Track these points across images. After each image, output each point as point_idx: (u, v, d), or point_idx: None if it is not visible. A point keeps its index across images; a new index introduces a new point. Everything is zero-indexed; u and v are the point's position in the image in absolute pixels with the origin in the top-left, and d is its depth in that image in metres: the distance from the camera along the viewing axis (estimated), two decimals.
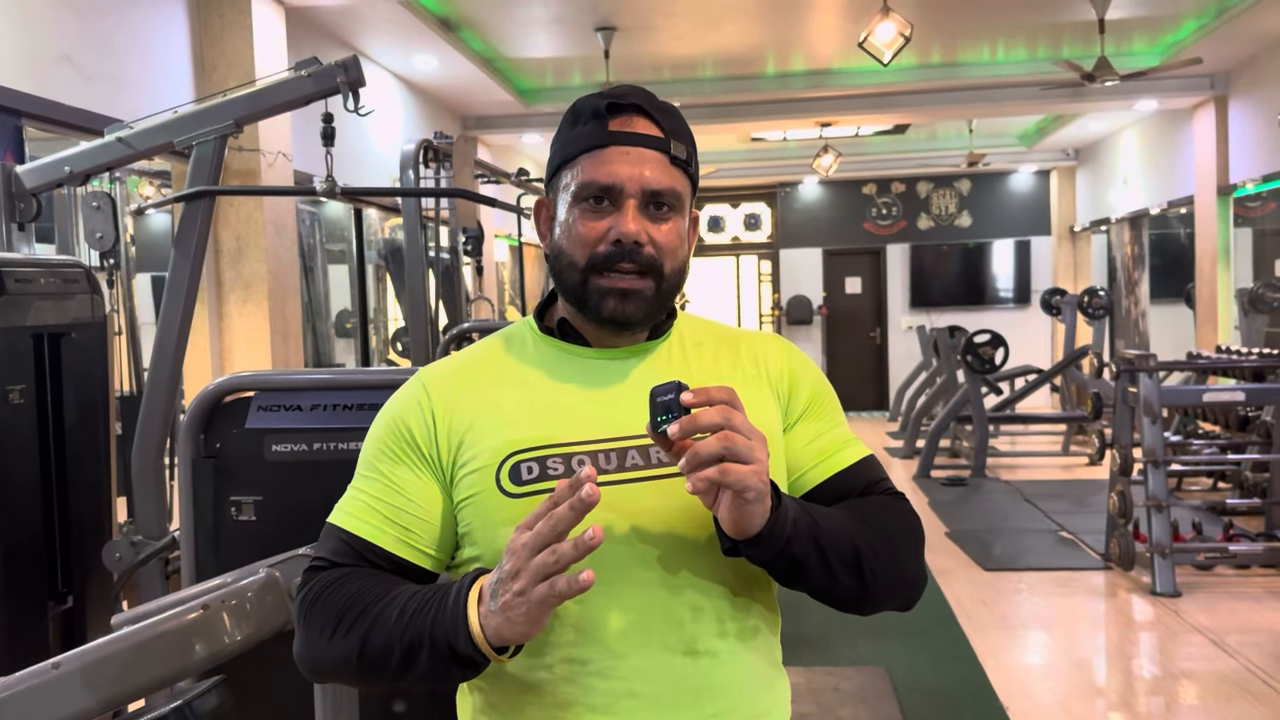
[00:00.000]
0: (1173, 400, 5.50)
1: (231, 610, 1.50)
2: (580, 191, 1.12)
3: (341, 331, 7.86)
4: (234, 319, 4.89)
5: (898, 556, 1.11)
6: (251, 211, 4.83)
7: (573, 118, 1.15)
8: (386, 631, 1.02)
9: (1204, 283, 8.69)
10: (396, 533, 1.11)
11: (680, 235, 1.15)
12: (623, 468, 1.09)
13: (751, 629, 1.13)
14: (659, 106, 1.15)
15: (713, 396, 0.98)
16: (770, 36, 7.44)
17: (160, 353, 3.04)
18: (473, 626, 0.98)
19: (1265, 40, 7.26)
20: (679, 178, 1.13)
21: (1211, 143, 8.39)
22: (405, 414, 1.15)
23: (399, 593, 1.05)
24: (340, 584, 1.08)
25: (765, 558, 1.04)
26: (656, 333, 1.19)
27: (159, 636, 1.44)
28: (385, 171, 6.98)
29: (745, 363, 1.19)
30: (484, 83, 7.81)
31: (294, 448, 2.25)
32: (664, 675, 1.07)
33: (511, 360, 1.18)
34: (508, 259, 10.30)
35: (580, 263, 1.12)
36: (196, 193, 2.97)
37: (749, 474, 0.96)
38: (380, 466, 1.14)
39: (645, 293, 1.11)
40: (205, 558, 2.29)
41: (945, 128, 11.40)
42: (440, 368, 1.20)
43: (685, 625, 1.08)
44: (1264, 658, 4.00)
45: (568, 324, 1.18)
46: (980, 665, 4.05)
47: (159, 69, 4.56)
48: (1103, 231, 11.88)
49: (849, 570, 1.07)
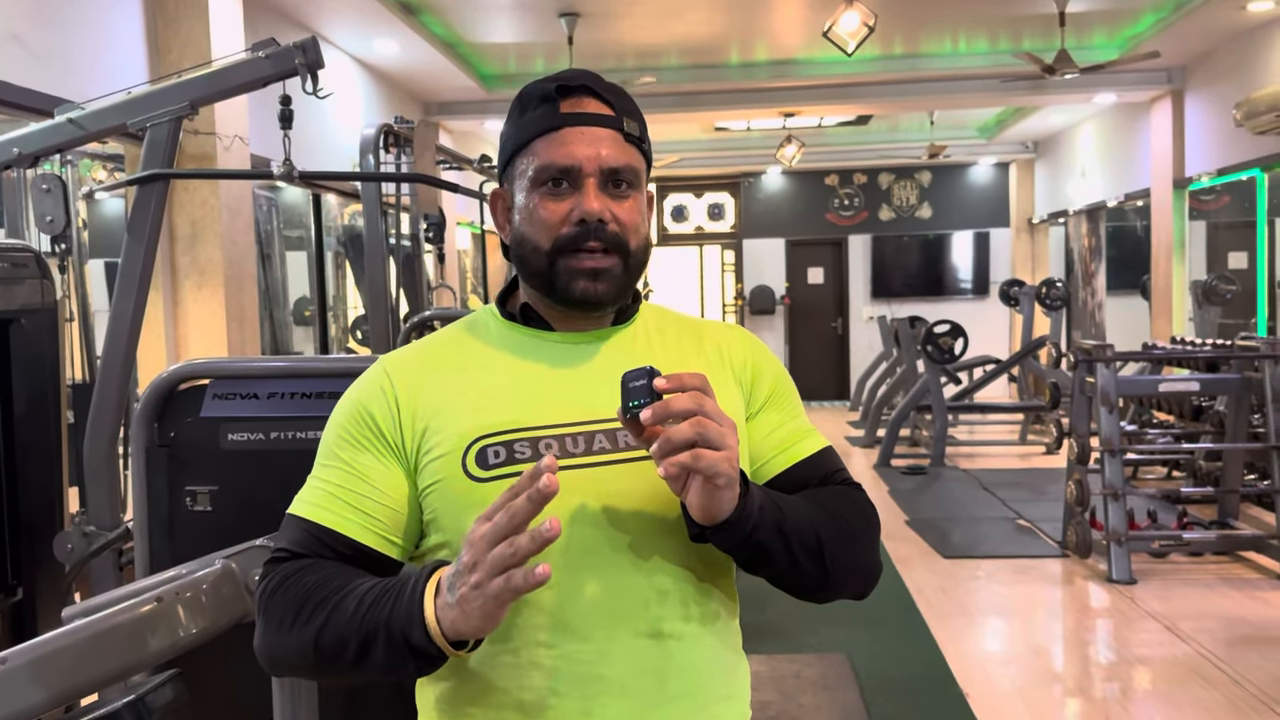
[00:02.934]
0: (1129, 390, 5.57)
1: (186, 603, 1.47)
2: (538, 175, 1.11)
3: (299, 319, 7.77)
4: (189, 306, 4.80)
5: (856, 545, 1.13)
6: (207, 196, 4.74)
7: (521, 105, 1.15)
8: (343, 623, 1.01)
9: (1159, 274, 8.81)
10: (360, 520, 1.09)
11: (641, 212, 1.15)
12: (590, 451, 1.09)
13: (713, 613, 1.13)
14: (607, 87, 1.15)
15: (685, 383, 0.98)
16: (734, 25, 7.43)
17: (113, 340, 2.98)
18: (429, 619, 0.96)
19: (1221, 35, 7.36)
20: (634, 154, 1.13)
21: (1168, 136, 8.50)
22: (368, 400, 1.13)
23: (358, 584, 1.03)
24: (300, 575, 1.06)
25: (731, 544, 1.04)
26: (620, 318, 1.19)
27: (111, 630, 1.40)
28: (346, 157, 6.89)
29: (709, 351, 1.20)
30: (446, 68, 7.73)
31: (250, 437, 2.20)
32: (629, 658, 1.07)
33: (475, 346, 1.18)
34: (470, 246, 10.22)
35: (545, 246, 1.12)
36: (150, 176, 2.91)
37: (720, 460, 0.96)
38: (342, 454, 1.12)
39: (614, 270, 1.12)
40: (159, 548, 2.24)
41: (906, 119, 11.45)
42: (403, 354, 1.18)
43: (651, 608, 1.08)
44: (1217, 643, 4.07)
45: (530, 309, 1.18)
46: (940, 652, 4.08)
47: (111, 49, 4.45)
48: (1060, 223, 12.01)
49: (811, 558, 1.08)
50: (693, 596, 1.10)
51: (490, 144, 10.73)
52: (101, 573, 3.06)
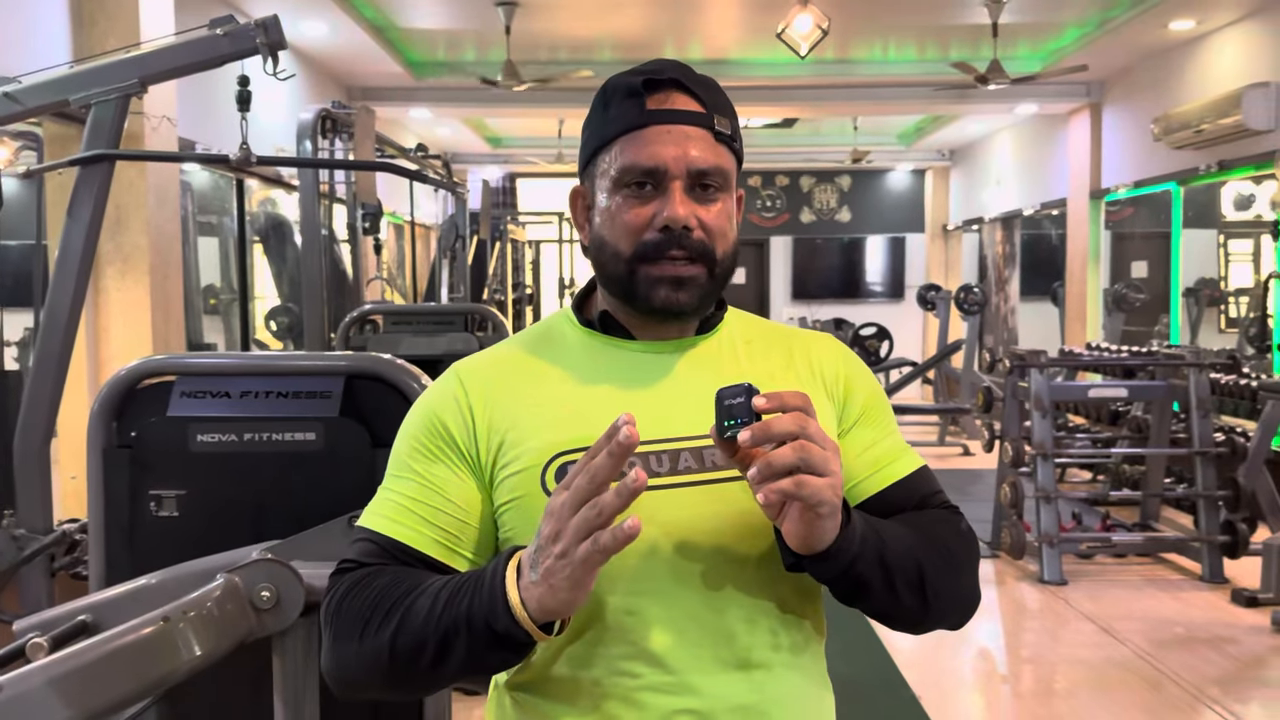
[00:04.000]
0: (1061, 396, 5.70)
1: (192, 622, 1.35)
2: (621, 177, 1.05)
3: (207, 309, 7.46)
4: (111, 294, 4.55)
5: (959, 576, 1.07)
6: (133, 179, 4.50)
7: (604, 98, 1.08)
8: (419, 623, 0.94)
9: (1074, 282, 9.07)
10: (434, 534, 1.03)
11: (729, 216, 1.08)
12: (675, 471, 1.02)
13: (803, 642, 1.08)
14: (698, 80, 1.07)
15: (786, 402, 0.91)
16: (669, 22, 7.39)
17: (49, 330, 2.79)
18: (512, 600, 0.90)
19: (1142, 51, 7.60)
20: (724, 154, 1.06)
21: (1086, 148, 8.76)
22: (441, 409, 1.07)
23: (431, 582, 0.97)
24: (367, 581, 1.00)
25: (830, 575, 0.98)
26: (705, 327, 1.12)
27: (112, 655, 1.27)
28: (268, 140, 6.63)
29: (799, 364, 1.13)
30: (374, 52, 7.53)
31: (222, 438, 2.06)
32: (717, 690, 1.01)
33: (551, 355, 1.11)
34: (390, 237, 9.99)
35: (626, 252, 1.05)
36: (95, 156, 2.73)
37: (825, 487, 0.90)
38: (415, 465, 1.05)
39: (698, 279, 1.05)
40: (118, 556, 2.09)
41: (829, 124, 11.59)
42: (476, 362, 1.12)
43: (739, 637, 1.02)
44: (1151, 644, 4.17)
45: (609, 316, 1.10)
46: (887, 652, 4.10)
47: (31, 21, 4.19)
48: (974, 230, 12.30)
49: (912, 590, 1.02)
50: (782, 625, 1.05)
51: (413, 133, 10.50)
52: (31, 581, 2.86)
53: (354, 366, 2.07)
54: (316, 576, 1.51)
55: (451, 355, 4.35)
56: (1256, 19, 6.48)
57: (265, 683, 1.58)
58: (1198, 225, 8.02)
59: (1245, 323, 8.06)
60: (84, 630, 1.68)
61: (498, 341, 3.98)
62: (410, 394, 2.00)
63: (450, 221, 7.38)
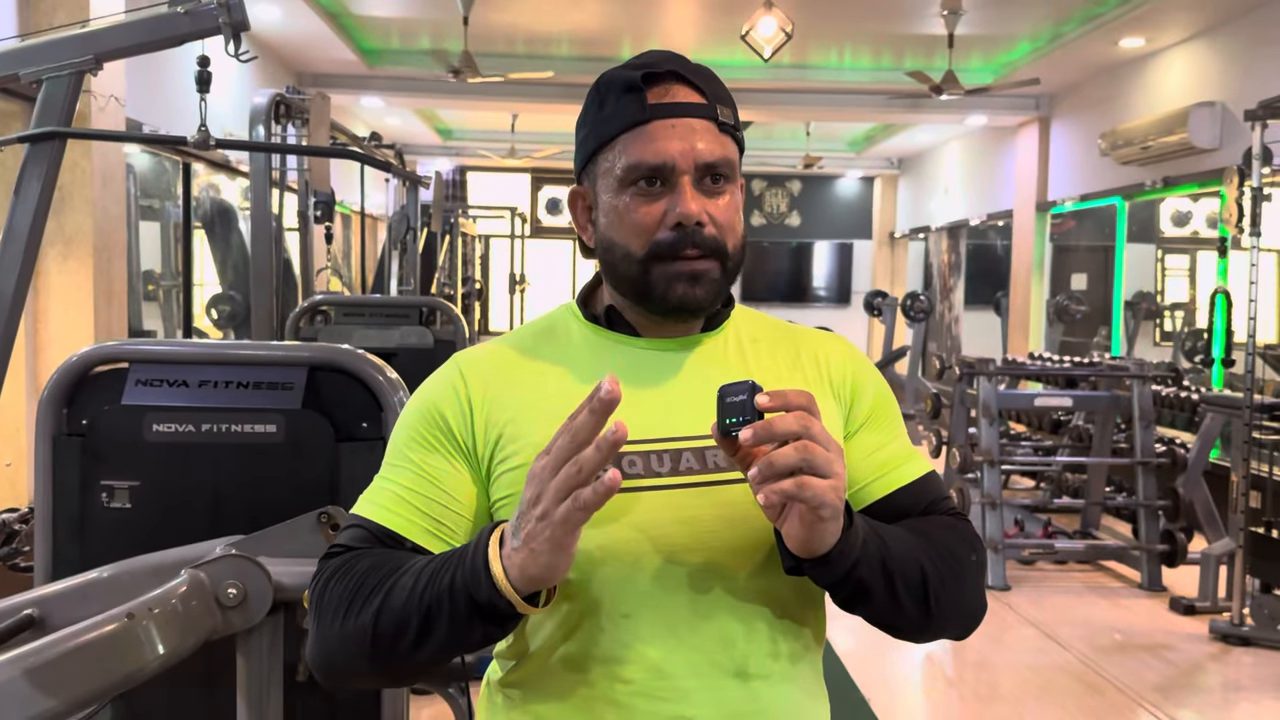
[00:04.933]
0: (1008, 404, 5.79)
1: (156, 619, 1.29)
2: (627, 175, 1.02)
3: (146, 295, 7.28)
4: (52, 277, 4.41)
5: (964, 584, 1.05)
6: (78, 159, 4.36)
7: (599, 95, 1.05)
8: (402, 601, 0.92)
9: (1018, 292, 9.22)
10: (427, 524, 1.01)
11: (737, 208, 1.06)
12: (676, 471, 1.00)
13: (801, 651, 1.06)
14: (695, 70, 1.05)
15: (790, 401, 0.89)
16: (628, 20, 7.38)
17: None
18: (494, 569, 0.88)
19: (1091, 67, 7.75)
20: (729, 145, 1.04)
21: (1033, 161, 8.91)
22: (440, 400, 1.05)
23: (414, 562, 0.95)
24: (351, 564, 0.98)
25: (830, 579, 0.96)
26: (710, 324, 1.10)
27: (73, 653, 1.21)
28: (215, 125, 6.46)
29: (806, 363, 1.10)
30: (326, 39, 7.41)
31: (179, 428, 1.99)
32: (714, 698, 0.99)
33: (554, 349, 1.08)
34: (338, 227, 9.82)
35: (639, 253, 1.02)
36: (46, 133, 2.63)
37: (827, 489, 0.88)
38: (411, 455, 1.03)
39: (712, 274, 1.02)
40: (67, 549, 2.01)
41: (782, 129, 11.66)
42: (477, 353, 1.09)
43: (737, 644, 1.00)
44: (1092, 650, 4.25)
45: (615, 312, 1.08)
46: (837, 654, 4.12)
47: None
48: (921, 238, 12.46)
49: (914, 598, 1.00)
50: (783, 632, 1.03)
51: (364, 122, 10.35)
52: None
53: (318, 358, 2.02)
54: (285, 574, 1.46)
55: (405, 348, 4.28)
56: (1204, 39, 6.64)
57: (220, 681, 1.53)
58: (1139, 240, 8.20)
59: (1181, 336, 8.27)
60: (31, 625, 1.61)
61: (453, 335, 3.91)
62: (376, 387, 1.96)
63: (401, 213, 7.28)
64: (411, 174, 4.36)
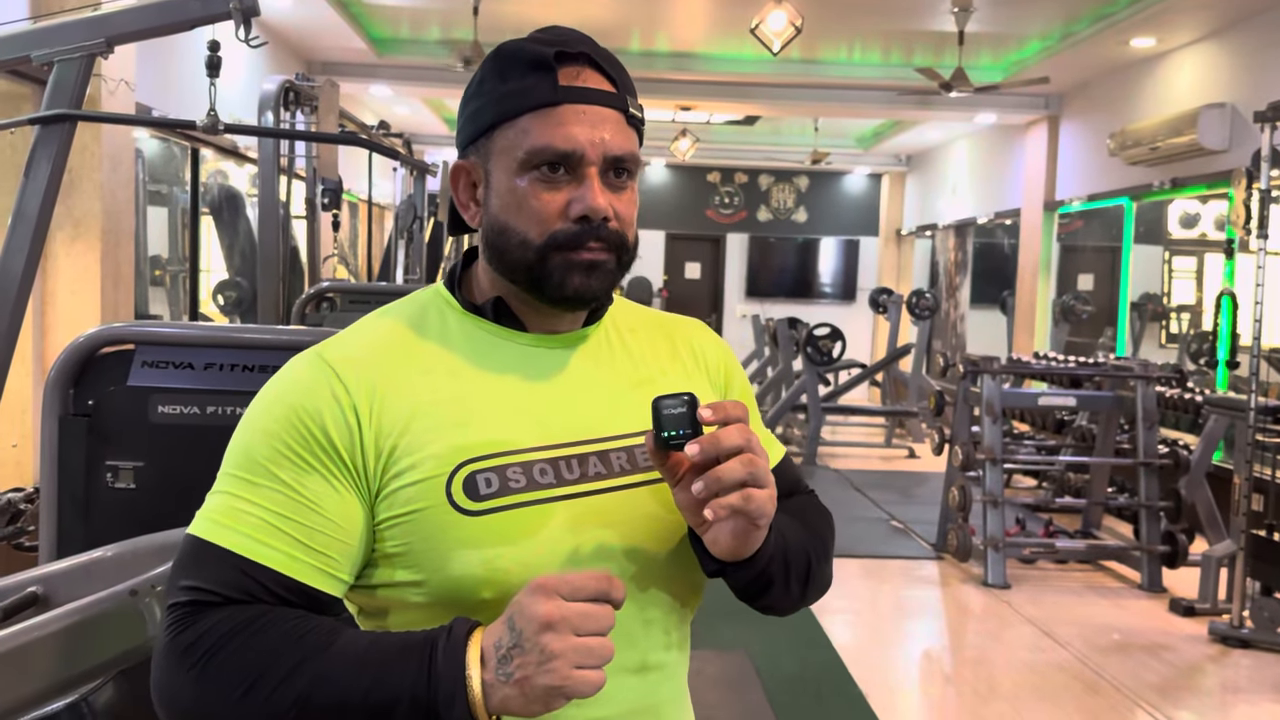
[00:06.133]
0: (1011, 403, 5.78)
1: (159, 598, 1.31)
2: (530, 158, 0.96)
3: (153, 280, 7.30)
4: (60, 260, 4.43)
5: (828, 564, 1.10)
6: (87, 142, 4.38)
7: (500, 67, 0.98)
8: (338, 693, 0.84)
9: (1024, 292, 9.21)
10: (312, 560, 0.91)
11: (635, 202, 1.02)
12: (586, 477, 0.98)
13: (684, 638, 1.07)
14: (606, 56, 1.00)
15: (729, 414, 0.89)
16: (638, 12, 7.37)
17: (1, 293, 2.69)
18: (473, 693, 0.83)
19: (1101, 66, 7.73)
20: (634, 139, 1.00)
21: (1042, 160, 8.89)
22: (316, 410, 0.93)
23: (343, 641, 0.87)
24: (254, 626, 0.87)
25: (747, 579, 0.98)
26: (593, 316, 1.06)
27: (77, 627, 1.23)
28: (223, 112, 6.48)
29: (683, 353, 1.10)
30: (337, 26, 7.40)
31: (184, 410, 2.01)
32: (622, 695, 0.99)
33: (432, 343, 1.00)
34: (345, 215, 9.84)
35: (536, 240, 0.97)
36: (57, 115, 2.64)
37: (767, 500, 0.89)
38: (280, 474, 0.91)
39: (608, 265, 0.99)
40: (72, 528, 2.03)
41: (790, 124, 11.64)
42: (349, 350, 0.98)
43: (637, 640, 1.00)
44: (1090, 649, 4.25)
45: (503, 304, 1.02)
46: (835, 650, 4.13)
47: None
48: (928, 236, 12.44)
49: (800, 583, 1.04)
50: (674, 624, 1.04)
51: (371, 110, 10.35)
52: None
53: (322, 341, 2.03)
54: None
55: None
56: (1215, 40, 6.62)
57: None
58: (1146, 241, 8.18)
59: (1187, 338, 8.26)
60: (35, 602, 1.63)
61: None
62: None
63: (409, 202, 7.28)
64: (419, 162, 4.38)
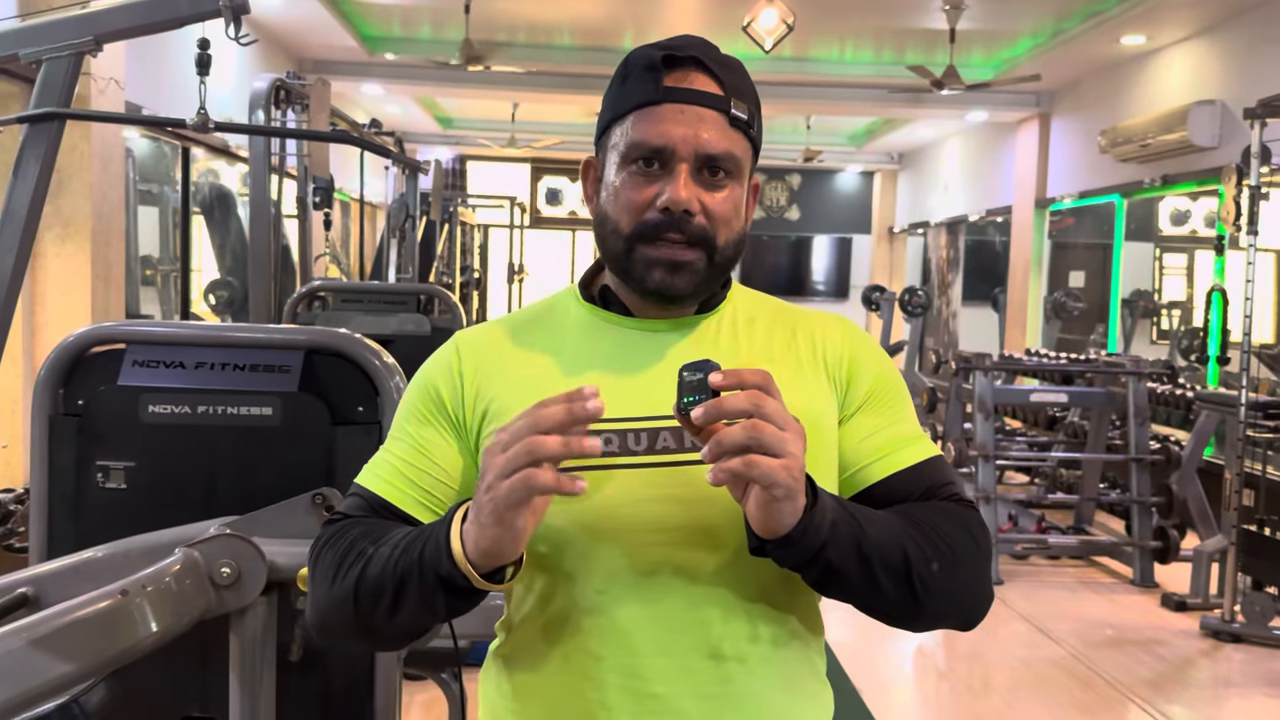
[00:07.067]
0: (1004, 399, 5.79)
1: (150, 597, 1.30)
2: (629, 152, 1.03)
3: (144, 280, 7.27)
4: (49, 260, 4.41)
5: (957, 569, 1.00)
6: (77, 141, 4.36)
7: (624, 71, 1.06)
8: (379, 569, 0.97)
9: (1016, 289, 9.23)
10: (418, 495, 1.06)
11: (736, 204, 1.05)
12: (653, 450, 1.01)
13: (787, 636, 1.04)
14: (720, 60, 1.05)
15: (744, 380, 0.89)
16: (630, 10, 7.37)
17: None
18: (453, 542, 0.93)
19: (1092, 64, 7.74)
20: (739, 141, 1.03)
21: (1033, 157, 8.91)
22: (436, 375, 1.10)
23: (397, 532, 1.00)
24: (344, 530, 1.04)
25: (796, 561, 0.94)
26: (707, 306, 1.09)
27: (67, 628, 1.22)
28: (213, 111, 6.45)
29: (801, 345, 1.09)
30: (327, 24, 7.39)
31: (175, 409, 1.99)
32: (685, 678, 0.99)
33: (549, 328, 1.11)
34: (337, 214, 9.81)
35: (625, 230, 1.03)
36: (45, 114, 2.63)
37: (778, 468, 0.87)
38: (408, 427, 1.09)
39: (696, 265, 1.02)
40: (62, 528, 2.01)
41: (782, 122, 11.64)
42: (476, 331, 1.14)
43: (713, 626, 1.00)
44: (1083, 644, 4.27)
45: (610, 292, 1.10)
46: (830, 647, 4.13)
47: None
48: (920, 234, 12.46)
49: (896, 582, 0.97)
50: (762, 616, 1.02)
51: (363, 109, 10.33)
52: None
53: (315, 341, 2.02)
54: (279, 554, 1.47)
55: (402, 335, 4.27)
56: (1205, 37, 6.63)
57: (215, 660, 1.54)
58: (1136, 238, 8.21)
59: (1178, 334, 8.28)
60: (25, 603, 1.62)
61: (450, 323, 3.92)
62: (372, 371, 1.96)
63: (400, 201, 7.26)
64: (411, 161, 4.37)
